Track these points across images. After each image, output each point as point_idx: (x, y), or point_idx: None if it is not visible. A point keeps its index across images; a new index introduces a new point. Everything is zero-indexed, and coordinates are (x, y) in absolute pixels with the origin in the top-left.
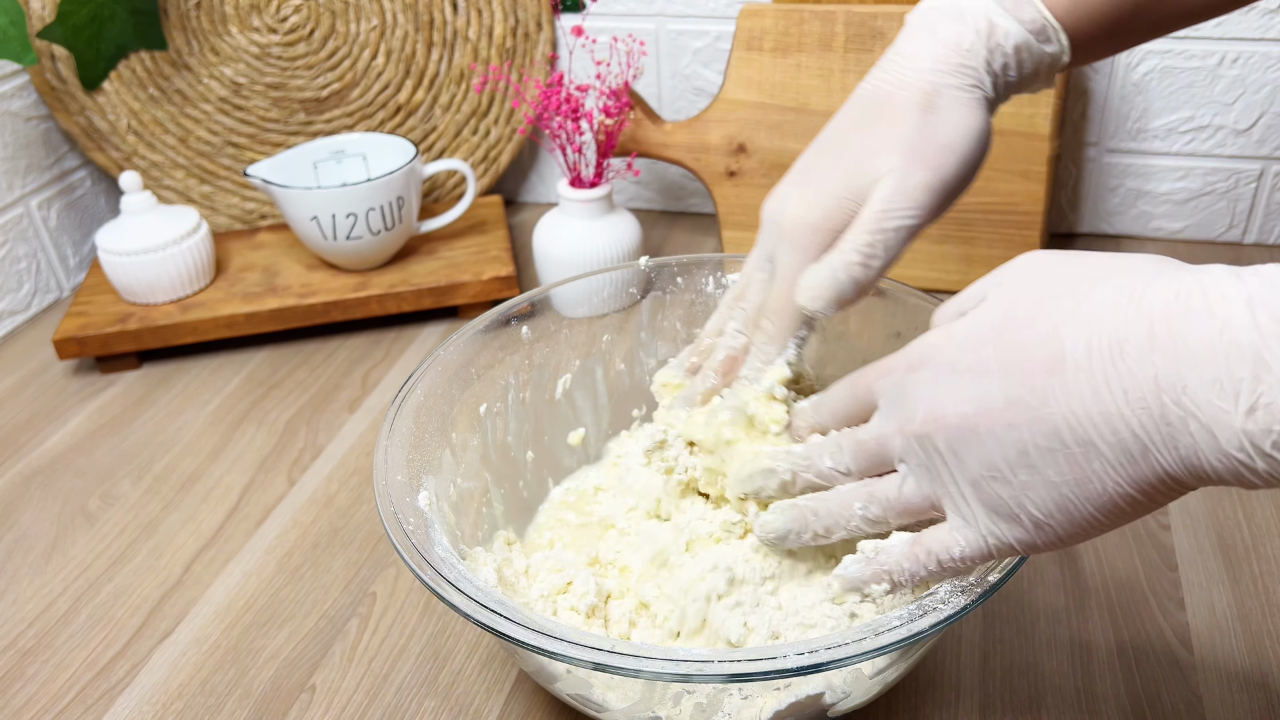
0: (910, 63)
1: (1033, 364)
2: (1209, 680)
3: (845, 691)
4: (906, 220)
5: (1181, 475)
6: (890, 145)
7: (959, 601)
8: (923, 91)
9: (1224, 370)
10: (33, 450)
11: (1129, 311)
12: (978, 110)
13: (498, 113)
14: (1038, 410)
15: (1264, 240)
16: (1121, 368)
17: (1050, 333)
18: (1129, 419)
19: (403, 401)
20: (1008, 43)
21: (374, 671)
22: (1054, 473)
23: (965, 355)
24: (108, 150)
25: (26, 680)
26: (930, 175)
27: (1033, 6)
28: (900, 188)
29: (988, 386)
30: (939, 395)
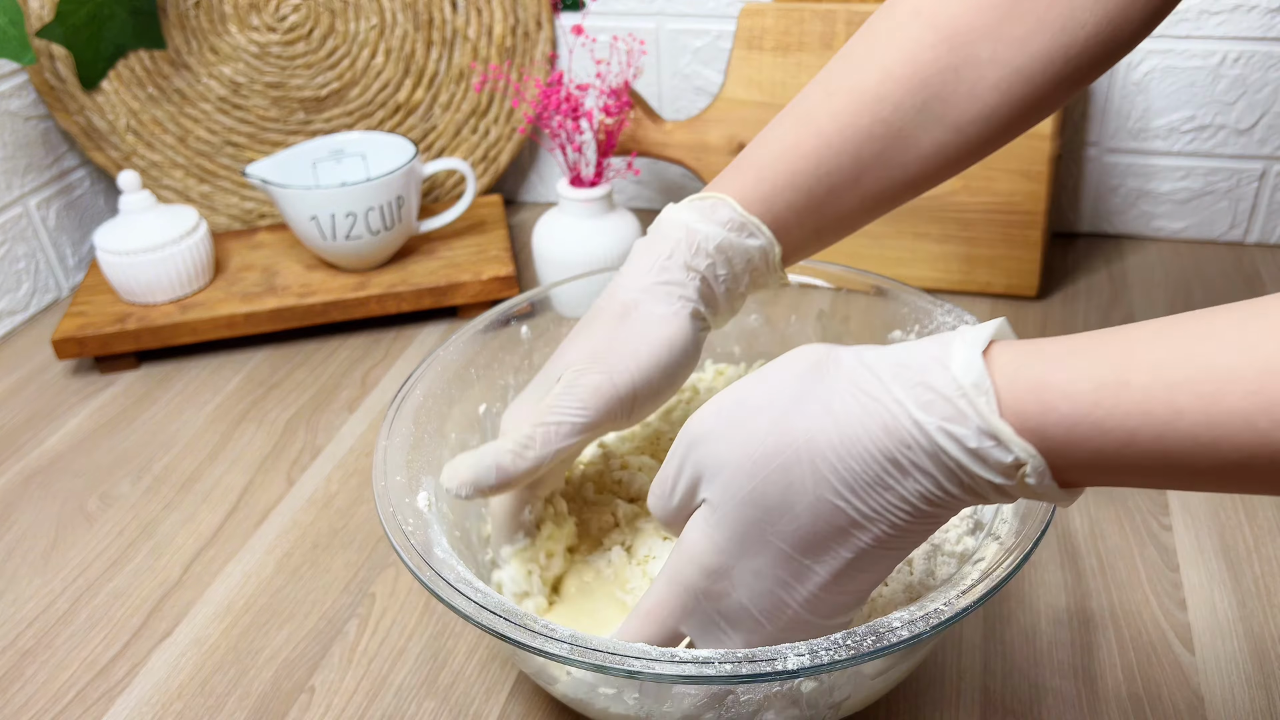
0: (621, 279)
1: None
2: (1210, 681)
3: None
4: (567, 417)
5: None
6: (577, 351)
7: (959, 602)
8: (622, 304)
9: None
10: (32, 450)
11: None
12: (672, 320)
13: (497, 112)
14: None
15: (1266, 240)
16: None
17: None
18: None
19: (402, 402)
20: (708, 244)
21: (373, 672)
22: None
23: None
24: (107, 150)
25: (26, 681)
26: (601, 379)
27: (728, 207)
28: (569, 387)
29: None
30: (711, 546)
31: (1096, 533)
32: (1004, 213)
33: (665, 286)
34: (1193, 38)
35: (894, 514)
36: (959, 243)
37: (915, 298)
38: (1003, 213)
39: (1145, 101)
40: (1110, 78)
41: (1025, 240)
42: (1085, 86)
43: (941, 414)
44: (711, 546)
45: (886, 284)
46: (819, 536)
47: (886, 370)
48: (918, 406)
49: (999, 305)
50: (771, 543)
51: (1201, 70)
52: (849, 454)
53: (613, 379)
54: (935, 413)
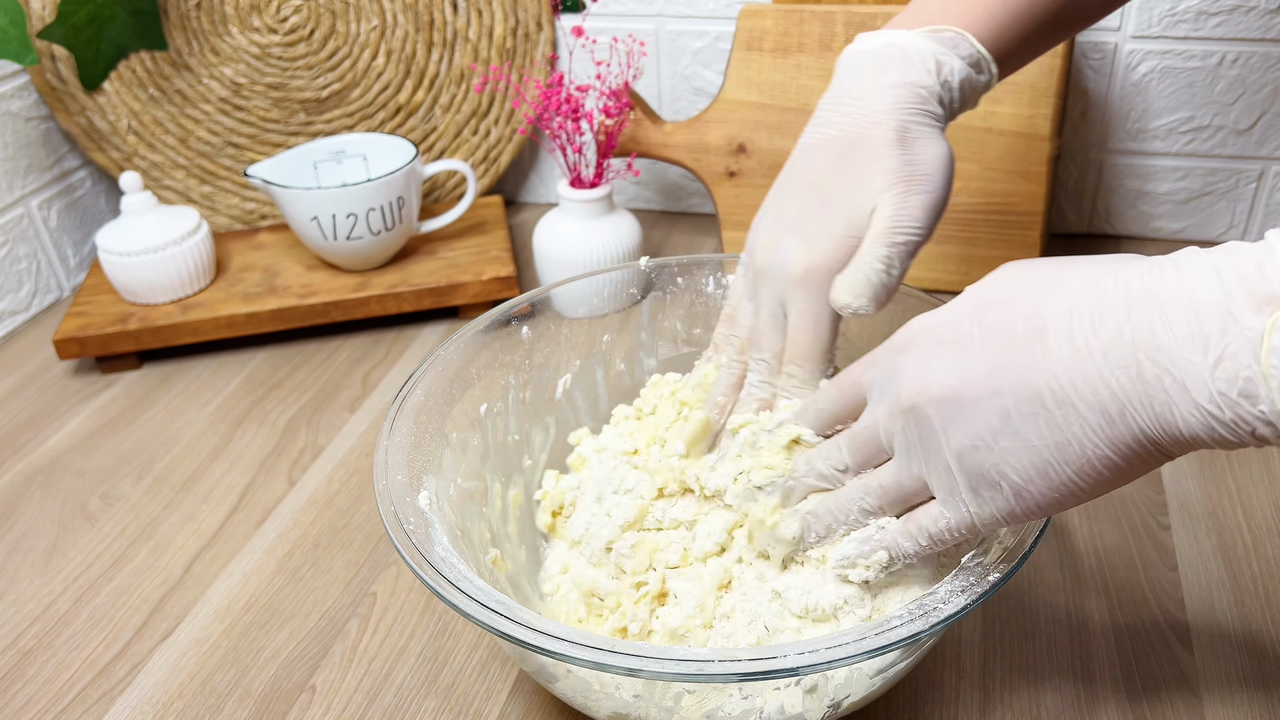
0: (870, 104)
1: (1016, 334)
2: (1209, 681)
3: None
4: (912, 236)
5: (1157, 435)
6: (881, 178)
7: (959, 601)
8: (894, 130)
9: (1194, 326)
10: (33, 450)
11: (1106, 283)
12: (942, 140)
13: (498, 113)
14: (1020, 376)
15: None
16: (1101, 332)
17: (1032, 307)
18: (1107, 379)
19: (403, 401)
20: (954, 79)
21: (374, 672)
22: (1035, 437)
23: (950, 332)
24: (108, 150)
25: (27, 681)
26: (925, 197)
27: (969, 43)
28: (903, 207)
29: (972, 357)
30: (925, 369)
31: (1095, 532)
32: (1003, 213)
33: (927, 115)
34: (1192, 38)
35: None
36: (958, 243)
37: (915, 298)
38: (1001, 213)
39: (1144, 102)
40: (1109, 78)
41: (1024, 240)
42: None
43: (1229, 418)
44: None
45: None
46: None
47: (1175, 327)
48: (1205, 398)
49: None
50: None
51: (1200, 71)
52: (1114, 434)
53: (934, 196)
54: (1223, 414)
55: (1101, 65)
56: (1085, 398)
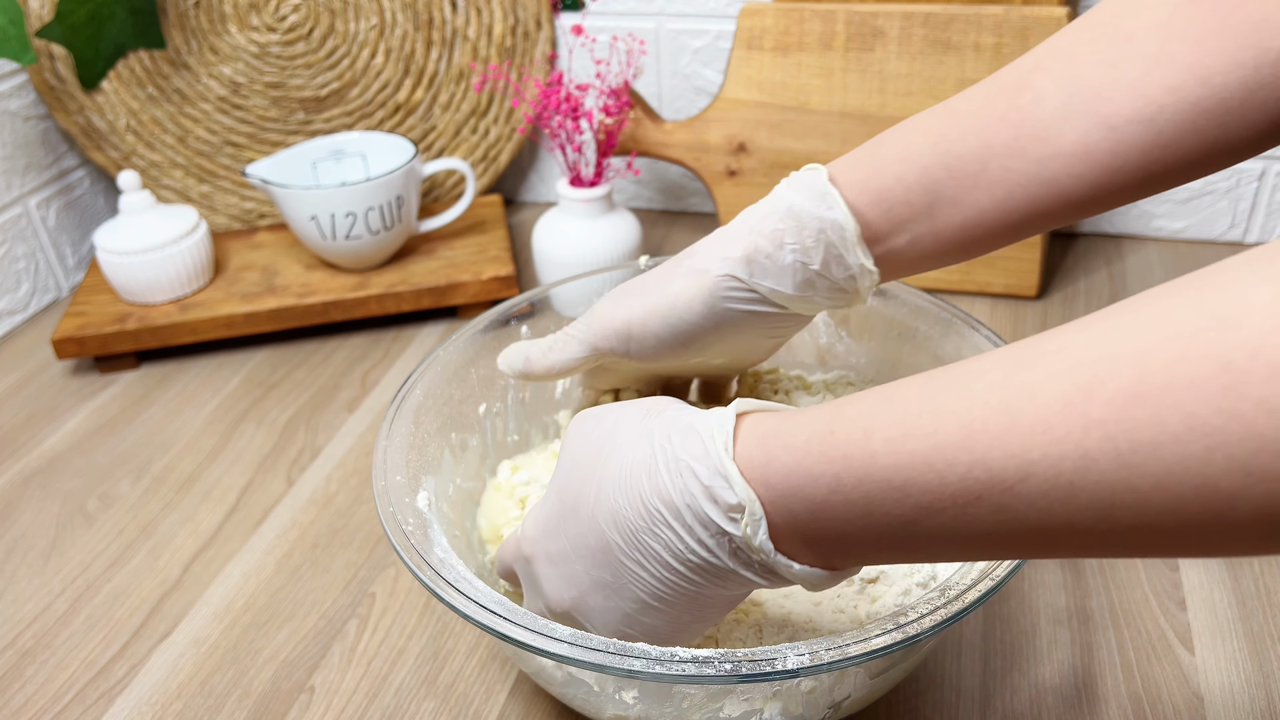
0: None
1: (593, 549)
2: (1210, 681)
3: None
4: (575, 335)
5: (697, 520)
6: (624, 287)
7: (959, 602)
8: (686, 253)
9: (697, 533)
10: (31, 450)
11: (629, 482)
12: (699, 276)
13: (497, 112)
14: (615, 584)
15: (1265, 239)
16: (638, 543)
17: (590, 519)
18: (649, 501)
19: (402, 401)
20: (779, 205)
21: (373, 672)
22: (650, 617)
23: (551, 547)
24: (106, 150)
25: (25, 681)
26: (610, 308)
27: (816, 174)
28: (589, 311)
29: (575, 572)
30: (552, 587)
31: None
32: None
33: (720, 243)
34: None
35: (657, 566)
36: None
37: (915, 298)
38: None
39: None
40: None
41: (1025, 240)
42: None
43: (690, 453)
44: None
45: (886, 285)
46: (609, 575)
47: (667, 429)
48: (677, 455)
49: (998, 305)
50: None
51: None
52: (621, 495)
53: (615, 310)
54: (685, 452)
55: None
56: (642, 525)
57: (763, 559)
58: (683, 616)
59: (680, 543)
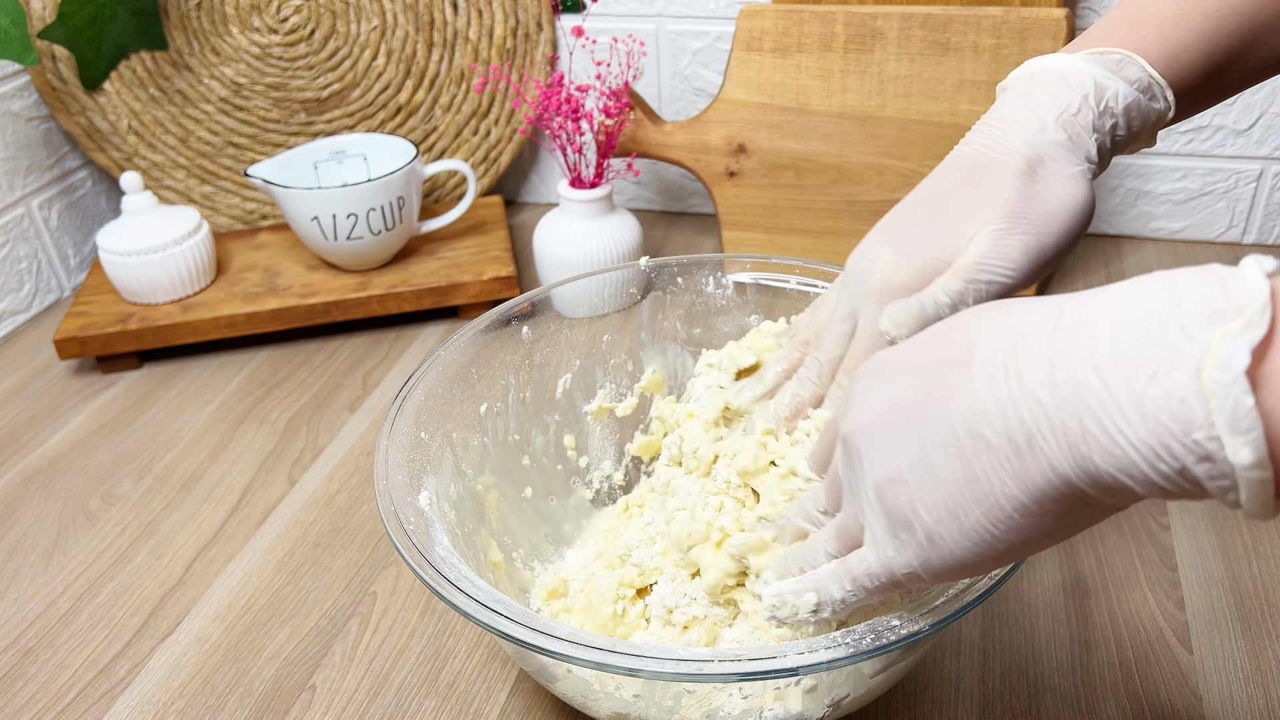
0: (1012, 128)
1: (946, 358)
2: (1208, 680)
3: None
4: (999, 277)
5: (1071, 473)
6: (990, 207)
7: (958, 602)
8: (1026, 158)
9: (1127, 342)
10: (33, 450)
11: (1047, 309)
12: (1080, 181)
13: (498, 113)
14: (940, 403)
15: (1264, 240)
16: (1022, 355)
17: (967, 334)
18: (1019, 404)
19: (403, 402)
20: (1117, 104)
21: (374, 671)
22: (945, 470)
23: (894, 359)
24: (108, 150)
25: (27, 680)
26: (1029, 239)
27: (1138, 65)
28: (998, 245)
29: (905, 383)
30: (862, 399)
31: (1095, 532)
32: None
33: (1072, 145)
34: None
35: None
36: None
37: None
38: None
39: None
40: None
41: None
42: None
43: (1155, 451)
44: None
45: None
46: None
47: (1100, 344)
48: (1127, 422)
49: None
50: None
51: None
52: (1021, 470)
53: (1040, 240)
54: (1148, 446)
55: None
56: (994, 425)
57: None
58: (1038, 529)
59: (1088, 349)
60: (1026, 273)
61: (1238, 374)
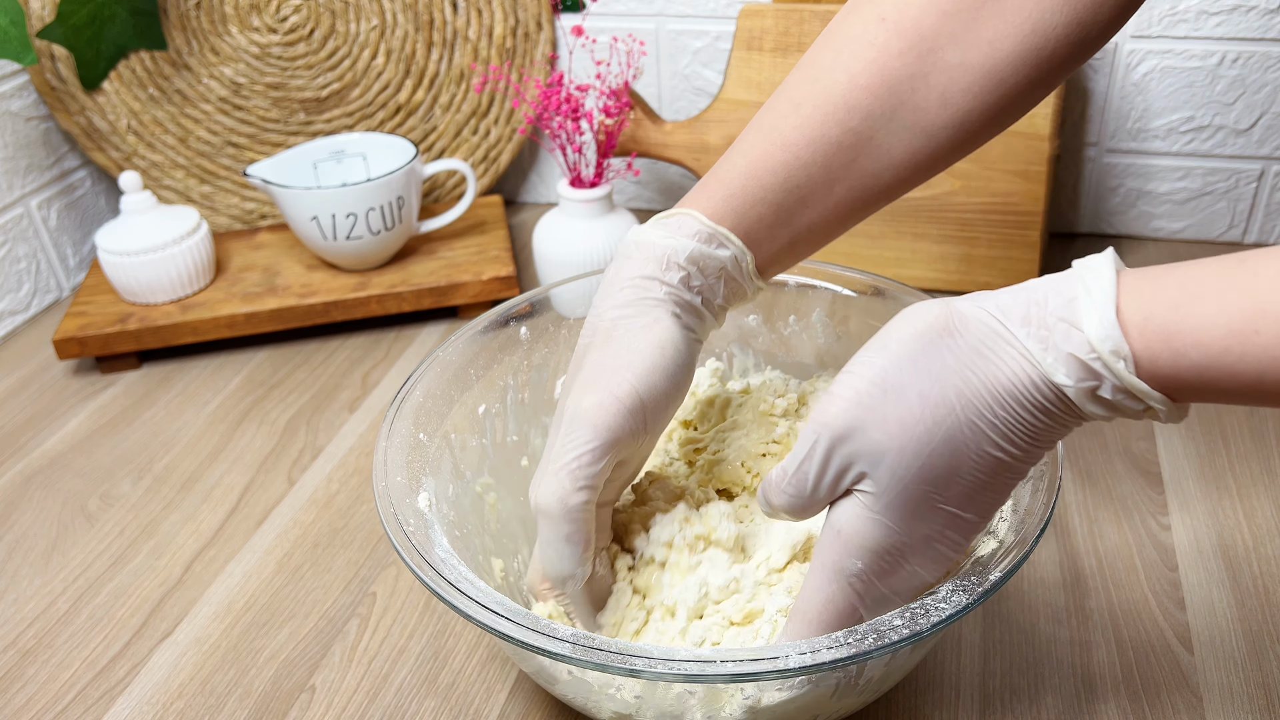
0: (596, 309)
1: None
2: (1209, 680)
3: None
4: (584, 447)
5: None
6: (573, 394)
7: (959, 601)
8: (602, 330)
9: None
10: (33, 450)
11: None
12: (655, 325)
13: (498, 113)
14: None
15: (1264, 240)
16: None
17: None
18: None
19: (402, 402)
20: (678, 256)
21: (374, 671)
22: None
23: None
24: (108, 150)
25: (27, 680)
26: (604, 395)
27: (694, 220)
28: (574, 419)
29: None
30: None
31: (1095, 532)
32: (1003, 213)
33: (641, 303)
34: (1191, 38)
35: (1039, 448)
36: (958, 243)
37: (914, 298)
38: (1001, 213)
39: (1144, 102)
40: (1109, 78)
41: (1024, 240)
42: (1056, 86)
43: (1079, 376)
44: (882, 531)
45: (885, 284)
46: (980, 488)
47: (1018, 328)
48: (1058, 369)
49: None
50: (941, 509)
51: (1200, 71)
52: (1002, 408)
53: (614, 393)
54: (1074, 376)
55: (1101, 65)
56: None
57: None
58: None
59: (1060, 429)
60: (613, 427)
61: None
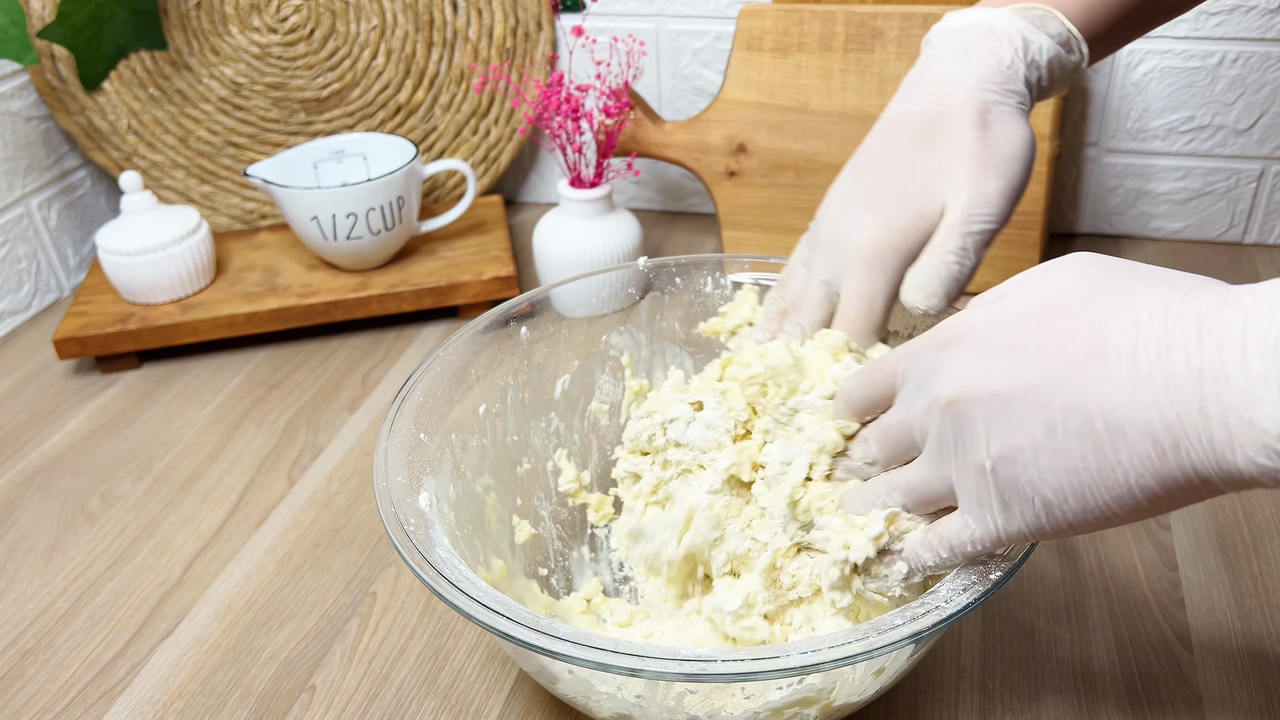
0: (953, 82)
1: (1075, 350)
2: (1209, 680)
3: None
4: (987, 225)
5: (1211, 473)
6: (957, 161)
7: (960, 600)
8: (975, 110)
9: (1269, 361)
10: (33, 450)
11: (1178, 310)
12: (1024, 122)
13: (498, 113)
14: (1073, 395)
15: (1264, 240)
16: (1166, 361)
17: (1095, 324)
18: (1165, 410)
19: (402, 402)
20: (1042, 57)
21: (374, 671)
22: (1078, 458)
23: (1003, 335)
24: (108, 150)
25: (27, 680)
26: (1002, 183)
27: (1058, 21)
28: (978, 196)
29: (1026, 365)
30: (972, 369)
31: (1095, 532)
32: None
33: (1012, 95)
34: (1191, 38)
35: None
36: None
37: None
38: None
39: (1144, 102)
40: (1109, 78)
41: (1024, 240)
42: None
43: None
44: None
45: None
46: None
47: (1249, 366)
48: (1246, 447)
49: None
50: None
51: (1200, 70)
52: (1162, 467)
53: (1009, 182)
54: (1264, 457)
55: (1101, 65)
56: (1139, 426)
57: None
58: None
59: (1235, 370)
60: (1005, 214)
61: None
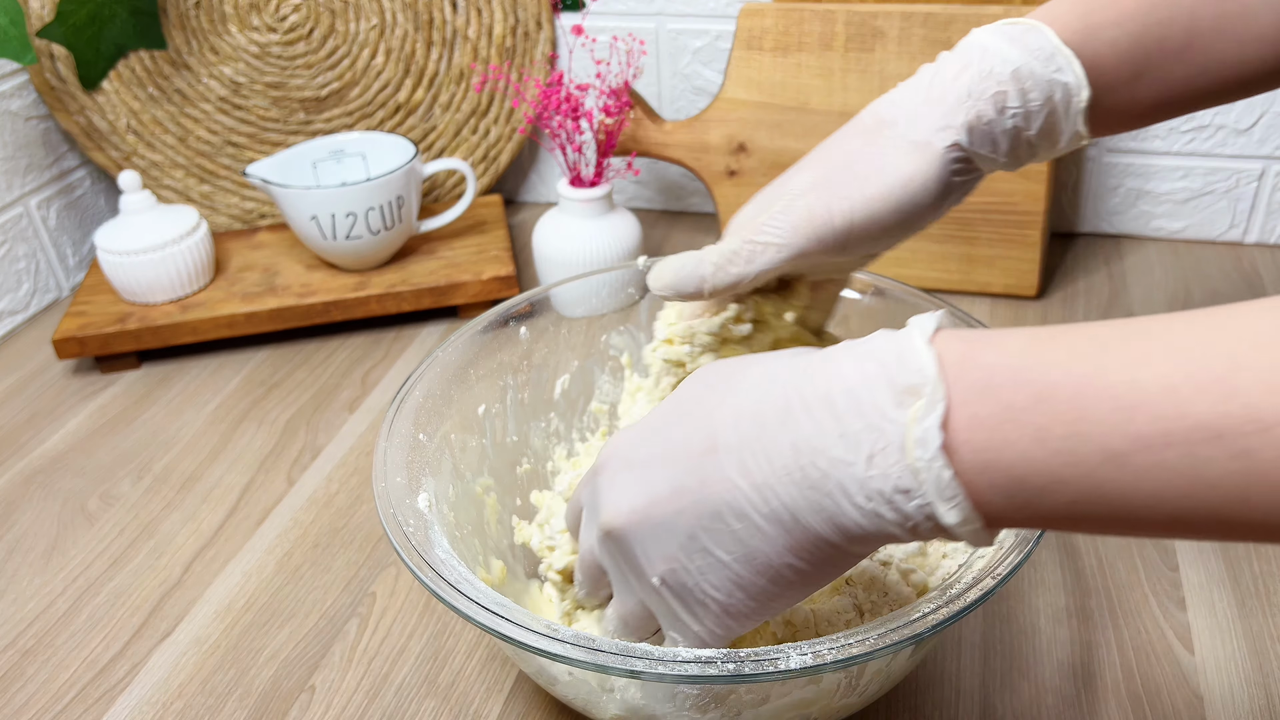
0: (889, 94)
1: (690, 449)
2: (1209, 680)
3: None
4: (774, 239)
5: (834, 538)
6: (807, 170)
7: (959, 602)
8: (876, 119)
9: (845, 424)
10: (33, 450)
11: (771, 387)
12: (923, 150)
13: (497, 112)
14: (698, 493)
15: (1265, 240)
16: (765, 438)
17: (704, 419)
18: (775, 488)
19: (402, 402)
20: (1003, 69)
21: (374, 671)
22: (723, 552)
23: (637, 451)
24: (107, 150)
25: (26, 680)
26: (818, 206)
27: (1040, 33)
28: (784, 209)
29: (655, 477)
30: (614, 493)
31: None
32: (1003, 212)
33: (932, 108)
34: None
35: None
36: (959, 242)
37: (915, 298)
38: (1002, 212)
39: None
40: None
41: (1025, 240)
42: None
43: (892, 517)
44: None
45: (886, 284)
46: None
47: (827, 429)
48: (864, 496)
49: (998, 305)
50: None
51: None
52: (793, 542)
53: (829, 207)
54: (885, 512)
55: None
56: (759, 508)
57: (920, 469)
58: (766, 555)
59: (818, 434)
60: (810, 237)
61: (935, 451)
